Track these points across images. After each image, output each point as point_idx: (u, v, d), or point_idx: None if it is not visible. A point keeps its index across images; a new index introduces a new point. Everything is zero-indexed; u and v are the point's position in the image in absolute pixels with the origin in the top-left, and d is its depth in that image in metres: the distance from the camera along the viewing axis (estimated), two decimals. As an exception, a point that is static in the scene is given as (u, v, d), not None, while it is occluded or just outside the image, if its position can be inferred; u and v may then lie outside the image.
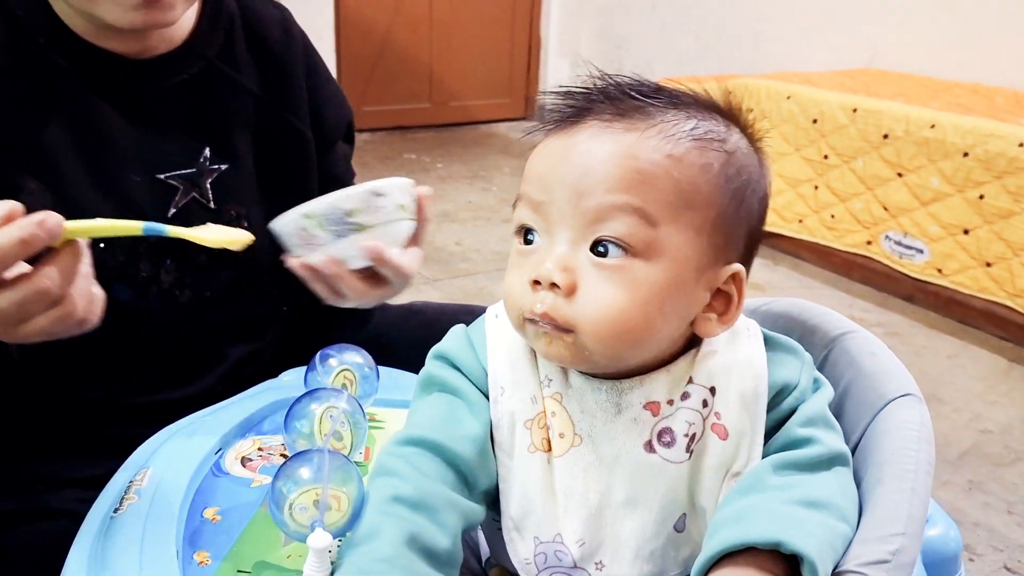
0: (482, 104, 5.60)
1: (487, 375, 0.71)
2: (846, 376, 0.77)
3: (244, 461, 0.83)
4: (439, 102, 5.42)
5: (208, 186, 0.99)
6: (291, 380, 0.97)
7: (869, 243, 2.94)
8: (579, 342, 0.63)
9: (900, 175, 2.80)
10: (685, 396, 0.66)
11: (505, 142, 5.12)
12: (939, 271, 2.72)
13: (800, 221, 3.15)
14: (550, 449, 0.68)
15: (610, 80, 0.68)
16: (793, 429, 0.66)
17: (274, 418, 0.91)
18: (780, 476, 0.63)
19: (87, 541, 0.70)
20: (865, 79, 3.44)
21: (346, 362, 0.88)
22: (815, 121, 3.05)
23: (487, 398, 0.71)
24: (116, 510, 0.73)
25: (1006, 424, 2.11)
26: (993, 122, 2.60)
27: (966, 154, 2.60)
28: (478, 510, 0.67)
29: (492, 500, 0.70)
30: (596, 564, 0.67)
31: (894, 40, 3.80)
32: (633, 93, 0.66)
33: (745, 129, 0.69)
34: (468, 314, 0.94)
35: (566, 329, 0.63)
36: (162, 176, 0.97)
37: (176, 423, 0.87)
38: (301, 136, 1.07)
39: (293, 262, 0.90)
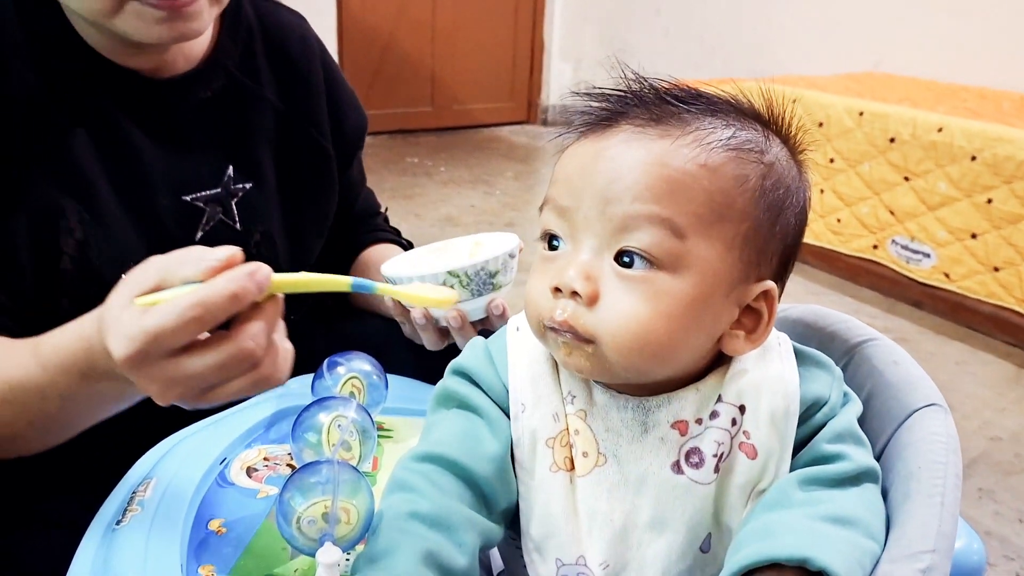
0: (485, 108, 5.59)
1: (507, 391, 0.69)
2: (867, 385, 0.75)
3: (250, 471, 0.81)
4: (442, 106, 5.40)
5: (234, 206, 0.97)
6: (297, 387, 0.95)
7: (875, 248, 2.92)
8: (599, 353, 0.61)
9: (907, 179, 2.78)
10: (714, 415, 0.64)
11: (508, 146, 5.11)
12: (946, 276, 2.70)
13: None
14: (573, 468, 0.66)
15: (646, 83, 0.66)
16: (821, 445, 0.65)
17: (280, 426, 0.89)
18: (807, 492, 0.62)
19: (89, 553, 0.69)
20: (871, 83, 3.42)
21: (354, 370, 0.86)
22: (821, 125, 3.03)
23: (507, 415, 0.69)
24: (119, 522, 0.71)
25: (1016, 431, 2.09)
26: (1001, 126, 2.58)
27: (974, 158, 2.58)
28: (496, 529, 0.65)
29: (511, 519, 0.68)
30: None
31: (900, 44, 3.79)
32: (669, 98, 0.64)
33: (787, 140, 0.67)
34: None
35: (586, 339, 0.61)
36: (188, 198, 0.95)
37: (180, 432, 0.85)
38: (323, 152, 1.06)
39: (416, 311, 0.92)
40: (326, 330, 1.13)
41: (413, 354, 1.04)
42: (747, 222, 0.62)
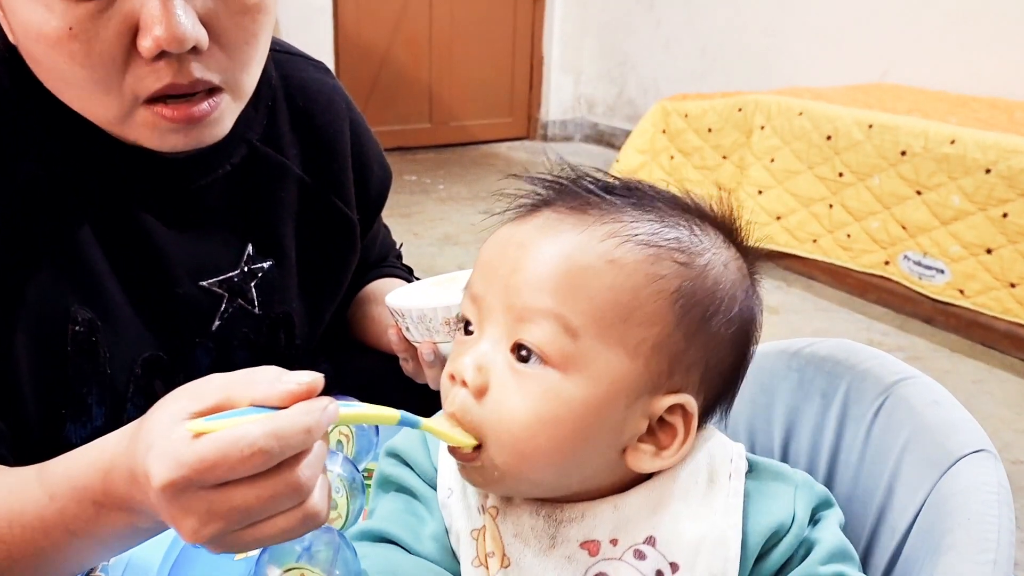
0: (483, 124, 5.56)
1: (437, 470, 0.65)
2: (906, 429, 0.69)
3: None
4: (439, 122, 5.37)
5: (253, 288, 0.89)
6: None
7: (886, 263, 2.85)
8: (487, 459, 0.56)
9: (919, 193, 2.72)
10: (639, 555, 0.58)
11: (507, 162, 5.06)
12: (961, 292, 2.63)
13: (814, 241, 3.06)
14: (488, 566, 0.60)
15: (574, 171, 0.62)
16: (816, 567, 0.59)
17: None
18: None
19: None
20: (879, 94, 3.37)
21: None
22: (829, 138, 2.97)
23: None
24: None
25: (1038, 454, 2.02)
26: (1017, 137, 2.52)
27: (988, 171, 2.52)
28: None
29: None
30: None
31: (907, 54, 3.74)
32: (594, 187, 0.60)
33: (742, 250, 0.62)
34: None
35: (474, 448, 0.57)
36: (206, 283, 0.86)
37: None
38: (347, 221, 0.98)
39: (424, 346, 0.86)
40: (324, 362, 1.06)
41: (412, 392, 0.98)
42: (657, 327, 0.56)
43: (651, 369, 0.57)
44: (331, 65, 4.70)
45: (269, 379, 0.52)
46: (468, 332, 0.60)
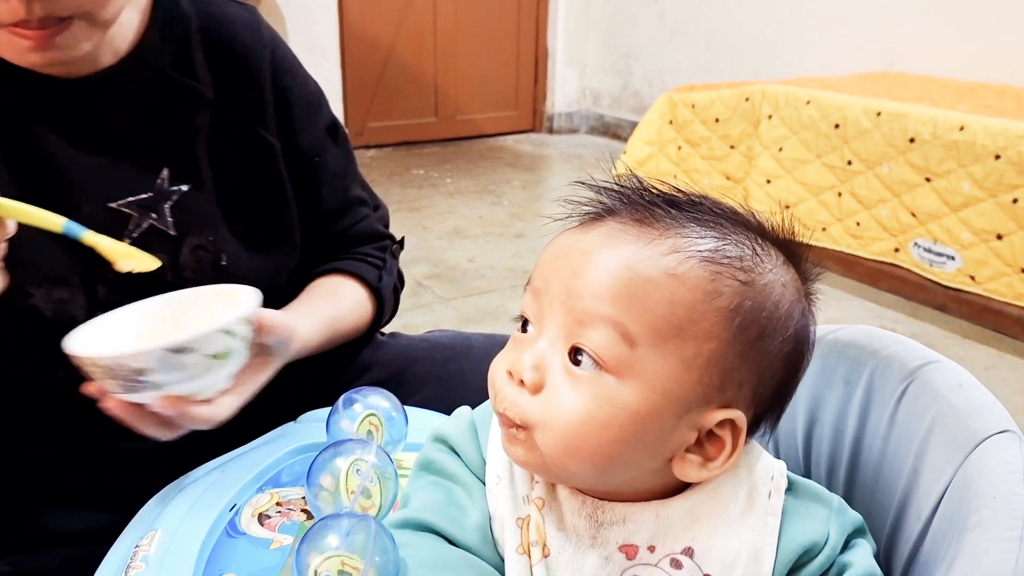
0: (489, 117, 5.56)
1: (484, 463, 0.67)
2: (930, 412, 0.70)
3: (262, 519, 0.75)
4: (445, 116, 5.37)
5: (167, 211, 0.91)
6: (310, 424, 0.90)
7: (897, 251, 2.85)
8: (533, 443, 0.58)
9: (928, 180, 2.72)
10: (675, 563, 0.60)
11: (514, 155, 5.06)
12: (972, 279, 2.63)
13: (824, 230, 3.06)
14: (530, 556, 0.62)
15: (640, 184, 0.62)
16: None
17: (293, 467, 0.84)
18: None
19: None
20: (887, 82, 3.36)
21: (371, 406, 0.81)
22: (837, 126, 2.97)
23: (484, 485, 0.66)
24: (121, 581, 0.65)
25: (1052, 438, 2.02)
26: (1025, 123, 2.52)
27: (998, 157, 2.52)
28: None
29: None
30: None
31: (914, 42, 3.73)
32: (659, 201, 0.60)
33: (799, 269, 0.63)
34: (496, 345, 0.86)
35: (524, 427, 0.58)
36: (114, 204, 0.88)
37: (185, 476, 0.80)
38: (267, 145, 0.98)
39: (89, 387, 0.75)
40: (344, 358, 1.07)
41: (432, 385, 0.98)
42: (713, 343, 0.57)
43: (704, 383, 0.57)
44: (337, 62, 4.73)
45: None
46: (525, 329, 0.62)
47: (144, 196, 0.90)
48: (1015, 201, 2.50)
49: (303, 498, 0.78)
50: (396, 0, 4.91)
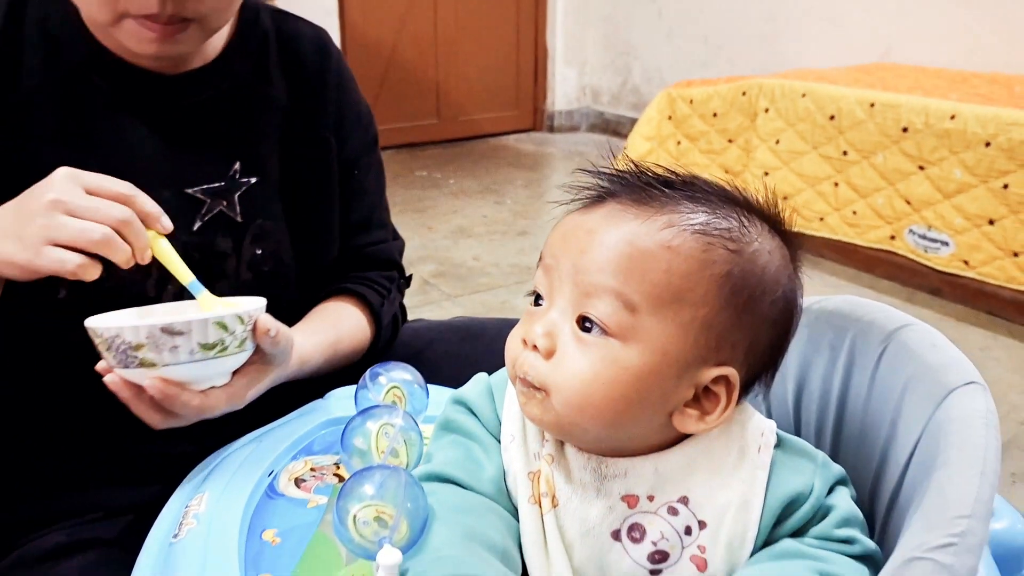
0: (491, 117, 5.62)
1: (500, 423, 0.73)
2: (906, 370, 0.76)
3: (298, 482, 0.82)
4: (447, 117, 5.43)
5: (236, 199, 1.00)
6: (338, 400, 0.96)
7: (892, 238, 2.92)
8: (548, 404, 0.64)
9: (921, 168, 2.79)
10: (672, 511, 0.66)
11: (515, 154, 5.12)
12: (965, 263, 2.70)
13: (821, 219, 3.13)
14: (541, 505, 0.68)
15: (636, 168, 0.69)
16: (831, 529, 0.66)
17: (323, 438, 0.90)
18: (816, 550, 0.65)
19: (148, 567, 0.70)
20: (881, 73, 3.43)
21: (395, 379, 0.87)
22: (832, 118, 3.04)
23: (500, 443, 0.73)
24: (175, 536, 0.72)
25: (1045, 414, 2.09)
26: (1015, 110, 2.59)
27: (988, 144, 2.59)
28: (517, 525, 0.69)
29: None
30: None
31: (908, 33, 3.80)
32: (654, 182, 0.67)
33: (785, 238, 0.69)
34: (507, 327, 0.93)
35: (539, 388, 0.65)
36: (191, 191, 0.97)
37: (226, 447, 0.87)
38: (327, 145, 1.08)
39: (99, 365, 0.80)
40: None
41: (448, 364, 1.05)
42: (707, 307, 0.63)
43: (700, 344, 0.64)
44: (341, 65, 4.80)
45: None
46: (538, 303, 0.68)
47: (217, 185, 0.99)
48: (1006, 187, 2.56)
49: (335, 464, 0.85)
50: (397, 5, 4.98)
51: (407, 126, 5.17)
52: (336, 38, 4.75)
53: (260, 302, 0.84)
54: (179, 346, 0.75)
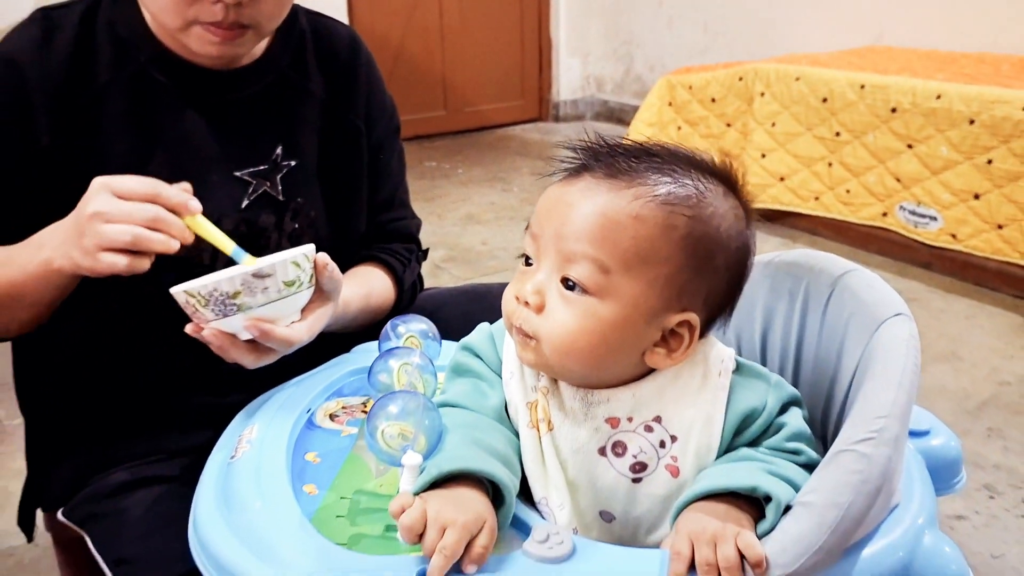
0: (497, 108, 5.72)
1: (500, 362, 0.86)
2: (848, 308, 0.89)
3: (332, 417, 0.96)
4: (454, 109, 5.54)
5: (278, 180, 1.13)
6: (362, 352, 1.10)
7: (885, 215, 3.04)
8: (540, 349, 0.77)
9: (910, 146, 2.90)
10: (648, 428, 0.79)
11: (521, 143, 5.24)
12: (953, 237, 2.82)
13: (816, 199, 3.25)
14: (539, 429, 0.81)
15: (605, 143, 0.80)
16: (782, 441, 0.79)
17: (352, 383, 1.04)
18: (767, 455, 0.78)
19: (211, 481, 0.84)
20: (872, 56, 3.54)
21: (412, 329, 1.01)
22: (825, 100, 3.15)
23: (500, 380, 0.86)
24: (232, 457, 0.86)
25: (1023, 376, 2.21)
26: (998, 88, 2.70)
27: (972, 121, 2.70)
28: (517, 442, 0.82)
29: None
30: (574, 529, 0.80)
31: (901, 16, 3.91)
32: (622, 156, 0.78)
33: (739, 197, 0.81)
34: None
35: (531, 337, 0.77)
36: (239, 173, 1.11)
37: (269, 391, 1.00)
38: (358, 132, 1.22)
39: (187, 328, 0.91)
40: None
41: (458, 323, 1.19)
42: (670, 265, 0.75)
43: (665, 296, 0.76)
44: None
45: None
46: (528, 264, 0.81)
47: (261, 168, 1.13)
48: (989, 162, 2.68)
49: (362, 403, 0.99)
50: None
51: (415, 118, 5.28)
52: (345, 33, 4.89)
53: (311, 246, 0.96)
54: (268, 287, 0.88)
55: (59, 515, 1.12)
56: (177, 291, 0.88)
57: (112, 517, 1.03)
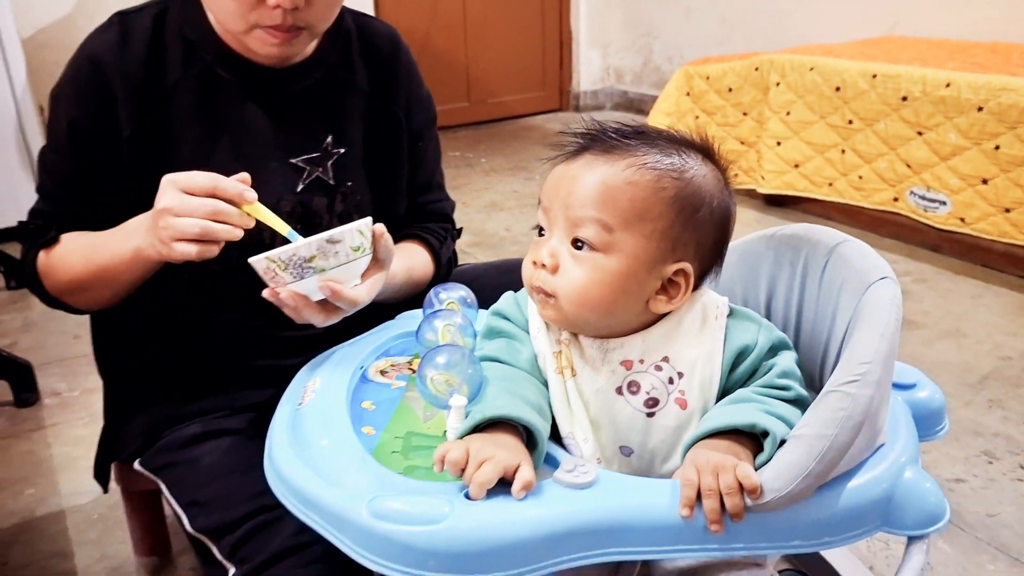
0: (519, 99, 5.84)
1: (527, 321, 0.98)
2: (842, 274, 1.00)
3: (383, 373, 1.08)
4: (478, 100, 5.66)
5: (329, 166, 1.26)
6: (406, 319, 1.22)
7: (895, 200, 3.13)
8: (558, 305, 0.90)
9: (920, 134, 2.99)
10: (658, 368, 0.91)
11: (543, 133, 5.33)
12: (962, 220, 2.91)
13: (830, 184, 3.34)
14: (563, 375, 0.93)
15: (601, 126, 0.94)
16: (774, 378, 0.90)
17: (399, 345, 1.16)
18: (761, 395, 0.89)
19: (282, 425, 0.96)
20: (886, 46, 3.62)
21: (453, 296, 1.14)
22: (838, 89, 3.24)
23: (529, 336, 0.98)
24: (300, 403, 0.98)
25: (1025, 351, 2.32)
26: (1005, 77, 2.79)
27: (980, 109, 2.79)
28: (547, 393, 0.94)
29: None
30: (598, 460, 0.92)
31: (915, 5, 3.98)
32: (616, 136, 0.92)
33: (716, 163, 0.94)
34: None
35: (550, 295, 0.90)
36: (294, 160, 1.23)
37: (324, 353, 1.12)
38: (398, 122, 1.34)
39: (264, 292, 1.03)
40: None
41: (490, 294, 1.31)
42: (662, 221, 0.88)
43: (660, 247, 0.88)
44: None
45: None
46: (541, 234, 0.93)
47: (314, 155, 1.25)
48: (997, 148, 2.77)
49: (408, 361, 1.11)
50: (427, -7, 5.19)
51: (440, 109, 5.15)
52: (371, 28, 5.00)
53: (369, 219, 1.07)
54: (339, 251, 1.00)
55: (136, 465, 1.25)
56: (259, 259, 0.99)
57: (186, 465, 1.16)
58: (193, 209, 0.99)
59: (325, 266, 1.00)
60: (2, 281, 2.99)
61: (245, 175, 1.03)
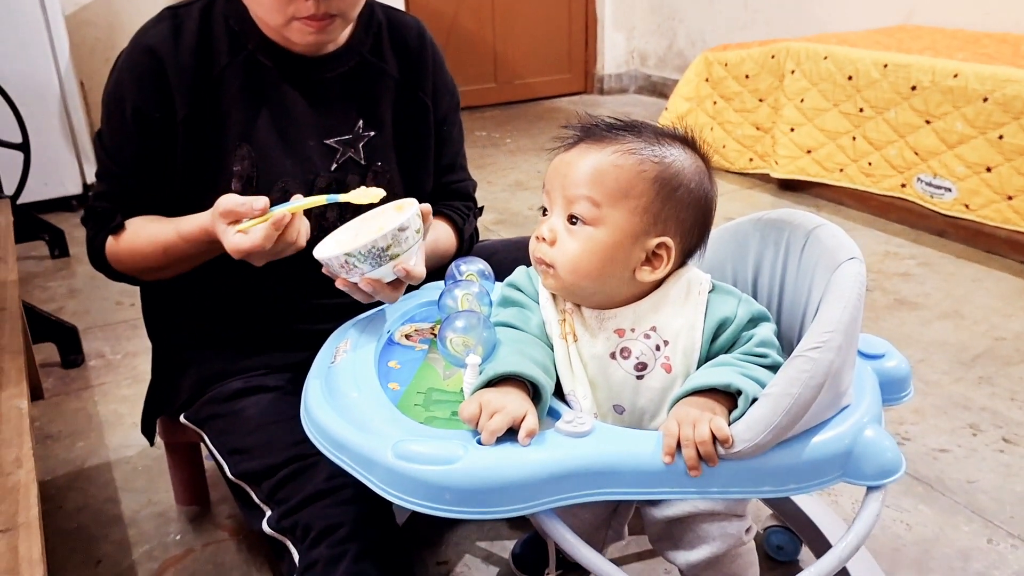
0: (544, 81, 5.94)
1: (537, 292, 1.11)
2: (817, 253, 1.11)
3: (407, 337, 1.21)
4: (504, 81, 5.77)
5: (361, 148, 1.38)
6: (429, 289, 1.35)
7: (903, 186, 3.22)
8: (557, 274, 1.03)
9: (928, 122, 3.08)
10: (647, 336, 1.03)
11: (567, 115, 5.34)
12: (966, 207, 3.00)
13: (841, 170, 3.44)
14: (566, 340, 1.06)
15: (594, 119, 1.07)
16: (752, 347, 1.02)
17: (422, 312, 1.29)
18: (740, 360, 1.00)
19: (317, 379, 1.09)
20: (899, 36, 3.70)
21: (472, 269, 1.27)
22: (850, 78, 3.33)
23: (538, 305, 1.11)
24: (332, 362, 1.11)
25: (1019, 332, 2.41)
26: (1011, 68, 2.87)
27: (986, 99, 2.87)
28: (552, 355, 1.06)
29: None
30: (595, 414, 1.04)
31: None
32: (605, 128, 1.05)
33: (696, 150, 1.06)
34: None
35: (550, 265, 1.03)
36: (329, 141, 1.36)
37: (353, 319, 1.25)
38: (424, 105, 1.46)
39: (338, 283, 1.14)
40: None
41: (507, 268, 1.43)
42: (644, 198, 1.00)
43: (643, 222, 1.01)
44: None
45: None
46: (544, 213, 1.06)
47: (347, 137, 1.37)
48: (1001, 137, 2.86)
49: (431, 327, 1.24)
50: (456, -25, 5.27)
51: (467, 90, 5.46)
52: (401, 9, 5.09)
53: (415, 200, 1.17)
54: (408, 236, 1.10)
55: (181, 418, 1.39)
56: (338, 255, 1.08)
57: (229, 416, 1.29)
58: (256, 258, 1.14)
59: (399, 251, 1.10)
60: (47, 250, 3.15)
61: (264, 200, 1.13)
